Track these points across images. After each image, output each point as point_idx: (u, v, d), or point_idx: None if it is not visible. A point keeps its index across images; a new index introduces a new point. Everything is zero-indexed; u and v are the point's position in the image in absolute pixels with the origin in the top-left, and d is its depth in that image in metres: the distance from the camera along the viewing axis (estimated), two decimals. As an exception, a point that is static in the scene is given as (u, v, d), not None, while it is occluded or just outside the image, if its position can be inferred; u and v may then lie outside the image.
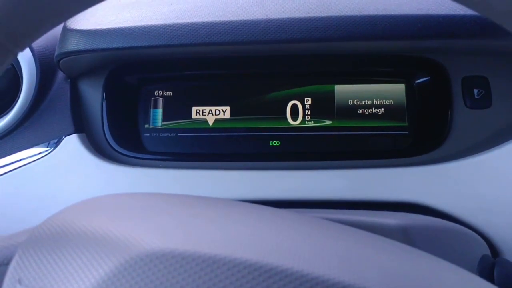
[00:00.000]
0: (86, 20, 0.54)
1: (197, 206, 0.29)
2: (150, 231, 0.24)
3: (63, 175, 0.56)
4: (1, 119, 0.58)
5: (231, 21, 0.50)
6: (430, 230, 0.43)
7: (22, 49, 0.29)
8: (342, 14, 0.49)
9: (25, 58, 0.58)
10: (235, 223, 0.26)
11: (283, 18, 0.49)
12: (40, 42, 0.60)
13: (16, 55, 0.29)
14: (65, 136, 0.57)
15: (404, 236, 0.38)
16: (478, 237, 0.47)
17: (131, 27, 0.52)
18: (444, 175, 0.51)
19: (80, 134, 0.58)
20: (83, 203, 0.30)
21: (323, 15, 0.49)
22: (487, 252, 0.47)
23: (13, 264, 0.24)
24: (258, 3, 0.52)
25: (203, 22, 0.50)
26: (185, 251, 0.22)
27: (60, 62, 0.56)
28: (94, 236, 0.24)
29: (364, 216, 0.41)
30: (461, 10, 0.48)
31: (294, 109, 0.58)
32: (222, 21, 0.50)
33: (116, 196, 0.31)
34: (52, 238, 0.25)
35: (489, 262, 0.41)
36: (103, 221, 0.25)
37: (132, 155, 0.58)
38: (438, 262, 0.26)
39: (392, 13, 0.49)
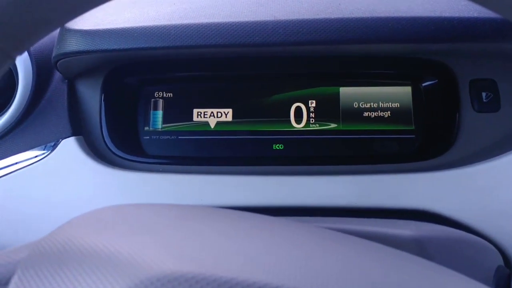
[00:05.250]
0: (86, 20, 0.52)
1: (206, 220, 0.28)
2: (160, 251, 0.22)
3: (60, 179, 0.54)
4: (-4, 121, 0.57)
5: (237, 22, 0.48)
6: (444, 240, 0.41)
7: (21, 53, 0.27)
8: (352, 16, 0.47)
9: (21, 58, 0.56)
10: (250, 240, 0.24)
11: (292, 20, 0.47)
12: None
13: (14, 59, 0.27)
14: (62, 139, 0.56)
15: (419, 247, 0.37)
16: (492, 246, 0.46)
17: (132, 27, 0.50)
18: (453, 181, 0.49)
19: (77, 137, 0.56)
20: (87, 216, 0.28)
21: (333, 17, 0.47)
22: (501, 261, 0.46)
23: (12, 285, 0.23)
24: (264, 3, 0.50)
25: (208, 23, 0.48)
26: (199, 274, 0.20)
27: (57, 63, 0.54)
28: (100, 255, 0.23)
29: (376, 226, 0.39)
30: (474, 12, 0.47)
31: (298, 112, 0.56)
32: (228, 22, 0.48)
33: (121, 207, 0.30)
34: (54, 256, 0.24)
35: (505, 273, 0.40)
36: (109, 238, 0.24)
37: (131, 158, 0.57)
38: (453, 276, 0.25)
39: (405, 15, 0.47)
